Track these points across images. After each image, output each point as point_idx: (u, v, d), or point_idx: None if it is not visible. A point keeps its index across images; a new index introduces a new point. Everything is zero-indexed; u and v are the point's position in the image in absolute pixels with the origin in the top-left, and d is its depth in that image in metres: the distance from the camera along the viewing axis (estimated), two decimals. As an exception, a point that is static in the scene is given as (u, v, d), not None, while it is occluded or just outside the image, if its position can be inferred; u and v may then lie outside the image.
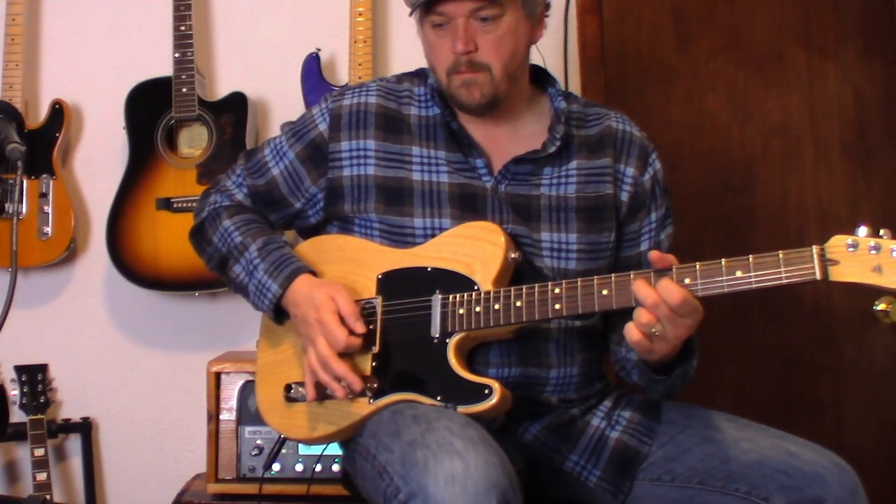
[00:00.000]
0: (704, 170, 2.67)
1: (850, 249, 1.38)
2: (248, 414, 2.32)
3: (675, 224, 1.87)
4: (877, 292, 2.57)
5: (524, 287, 1.61)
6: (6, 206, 2.03)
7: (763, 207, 2.66)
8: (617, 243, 1.80)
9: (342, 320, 1.66)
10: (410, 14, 1.74)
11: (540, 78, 1.85)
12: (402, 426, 1.54)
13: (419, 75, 1.85)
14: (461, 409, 1.60)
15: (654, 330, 1.48)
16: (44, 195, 2.63)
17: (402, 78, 1.87)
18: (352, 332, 1.66)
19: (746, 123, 2.68)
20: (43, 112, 2.71)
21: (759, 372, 2.65)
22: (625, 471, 1.71)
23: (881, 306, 2.58)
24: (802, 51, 2.67)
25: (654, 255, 1.52)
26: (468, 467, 1.37)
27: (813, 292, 2.62)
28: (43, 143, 2.66)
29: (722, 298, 1.50)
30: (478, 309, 1.63)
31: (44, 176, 2.64)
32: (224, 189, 1.91)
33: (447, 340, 1.65)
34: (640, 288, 1.48)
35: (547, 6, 1.79)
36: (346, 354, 1.67)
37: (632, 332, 1.49)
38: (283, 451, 2.25)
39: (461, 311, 1.64)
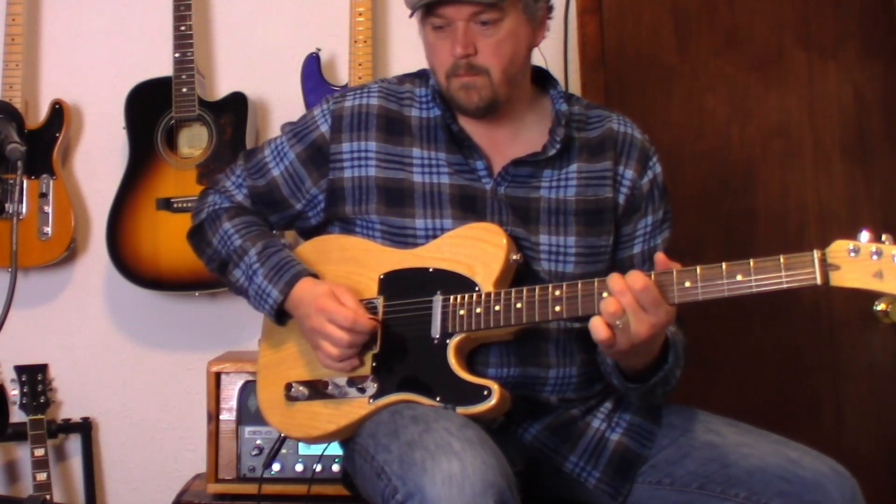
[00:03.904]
0: (704, 170, 2.67)
1: (852, 254, 1.38)
2: (248, 414, 2.32)
3: (675, 225, 1.86)
4: (877, 293, 2.57)
5: (524, 289, 1.61)
6: (6, 206, 2.02)
7: (763, 208, 2.66)
8: (613, 246, 1.80)
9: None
10: (411, 16, 1.74)
11: (542, 79, 1.85)
12: (400, 426, 1.54)
13: (421, 76, 1.85)
14: (460, 409, 1.60)
15: (617, 322, 1.48)
16: (44, 195, 2.63)
17: (403, 79, 1.86)
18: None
19: (746, 123, 2.68)
20: (43, 112, 2.71)
21: (759, 372, 2.65)
22: (624, 473, 1.71)
23: (881, 307, 2.58)
24: (802, 51, 2.67)
25: (659, 257, 1.53)
26: (465, 468, 1.37)
27: (813, 293, 2.61)
28: (43, 143, 2.66)
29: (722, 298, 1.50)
30: (478, 310, 1.63)
31: (44, 176, 2.64)
32: (223, 190, 1.90)
33: (447, 341, 1.65)
34: (612, 276, 1.50)
35: (549, 9, 1.78)
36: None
37: (597, 326, 1.49)
38: (283, 450, 2.25)
39: (462, 312, 1.64)
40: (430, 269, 1.70)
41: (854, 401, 2.63)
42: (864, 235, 1.38)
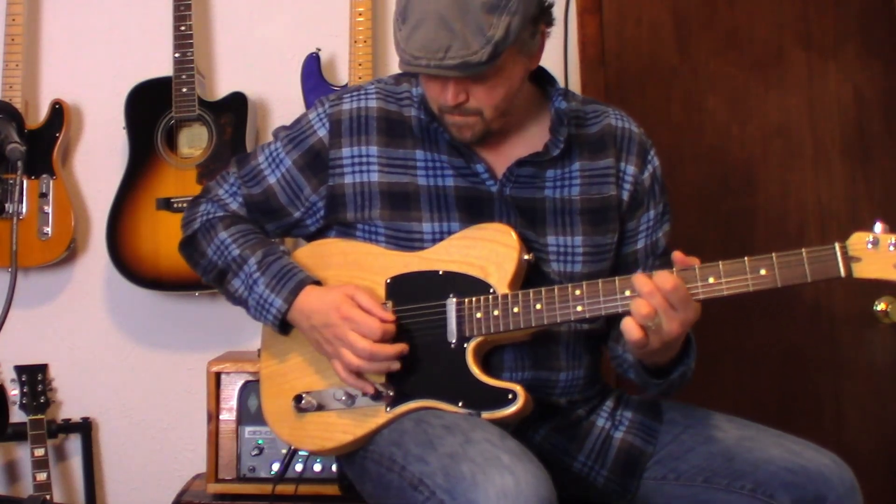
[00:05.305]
0: (704, 170, 2.67)
1: (871, 246, 1.42)
2: (248, 414, 2.32)
3: (675, 224, 1.87)
4: (877, 291, 2.58)
5: (543, 289, 1.59)
6: (6, 206, 2.03)
7: (763, 207, 2.66)
8: (617, 243, 1.79)
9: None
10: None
11: (538, 76, 1.82)
12: (434, 437, 1.52)
13: (417, 75, 1.81)
14: (485, 415, 1.58)
15: (650, 324, 1.48)
16: (44, 195, 2.63)
17: (400, 79, 1.82)
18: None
19: (746, 123, 2.68)
20: (43, 112, 2.71)
21: (759, 371, 2.65)
22: (631, 470, 1.71)
23: (881, 306, 2.58)
24: (802, 51, 2.67)
25: (677, 255, 1.52)
26: (518, 483, 1.36)
27: (813, 291, 2.62)
28: (43, 143, 2.65)
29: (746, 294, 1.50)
30: (496, 312, 1.61)
31: (44, 176, 2.64)
32: (216, 198, 1.85)
33: (465, 346, 1.63)
34: (638, 278, 1.49)
35: (549, 24, 1.70)
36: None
37: (631, 327, 1.49)
38: (283, 450, 2.25)
39: (478, 315, 1.62)
40: (440, 272, 1.67)
41: (854, 400, 2.63)
42: (879, 227, 1.42)
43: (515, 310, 1.60)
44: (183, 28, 2.59)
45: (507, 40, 1.55)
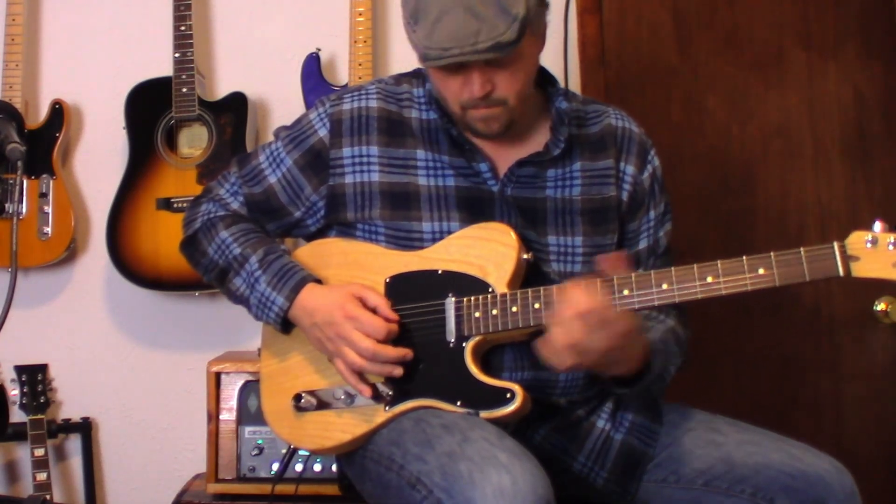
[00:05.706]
0: (704, 170, 2.67)
1: (870, 245, 1.42)
2: (248, 414, 2.32)
3: (675, 224, 1.87)
4: (877, 291, 2.58)
5: (541, 288, 1.59)
6: (6, 206, 2.03)
7: (763, 207, 2.66)
8: (618, 243, 1.79)
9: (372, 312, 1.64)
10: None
11: (540, 77, 1.82)
12: (432, 436, 1.52)
13: (417, 76, 1.82)
14: (483, 414, 1.58)
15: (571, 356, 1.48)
16: (44, 195, 2.63)
17: (400, 79, 1.83)
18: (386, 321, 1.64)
19: (746, 123, 2.68)
20: (43, 112, 2.71)
21: (759, 372, 2.65)
22: (631, 472, 1.71)
23: (881, 306, 2.58)
24: (802, 51, 2.67)
25: (606, 260, 1.54)
26: (516, 481, 1.37)
27: (812, 292, 2.62)
28: (43, 143, 2.66)
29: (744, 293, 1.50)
30: (494, 311, 1.61)
31: (44, 176, 2.64)
32: (217, 198, 1.85)
33: (464, 345, 1.63)
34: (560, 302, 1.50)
35: (547, 6, 1.72)
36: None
37: (557, 359, 1.50)
38: (283, 449, 2.25)
39: (477, 315, 1.62)
40: (440, 272, 1.67)
41: (854, 401, 2.63)
42: (878, 226, 1.42)
43: (514, 309, 1.60)
44: (183, 28, 2.59)
45: (528, 16, 1.57)
